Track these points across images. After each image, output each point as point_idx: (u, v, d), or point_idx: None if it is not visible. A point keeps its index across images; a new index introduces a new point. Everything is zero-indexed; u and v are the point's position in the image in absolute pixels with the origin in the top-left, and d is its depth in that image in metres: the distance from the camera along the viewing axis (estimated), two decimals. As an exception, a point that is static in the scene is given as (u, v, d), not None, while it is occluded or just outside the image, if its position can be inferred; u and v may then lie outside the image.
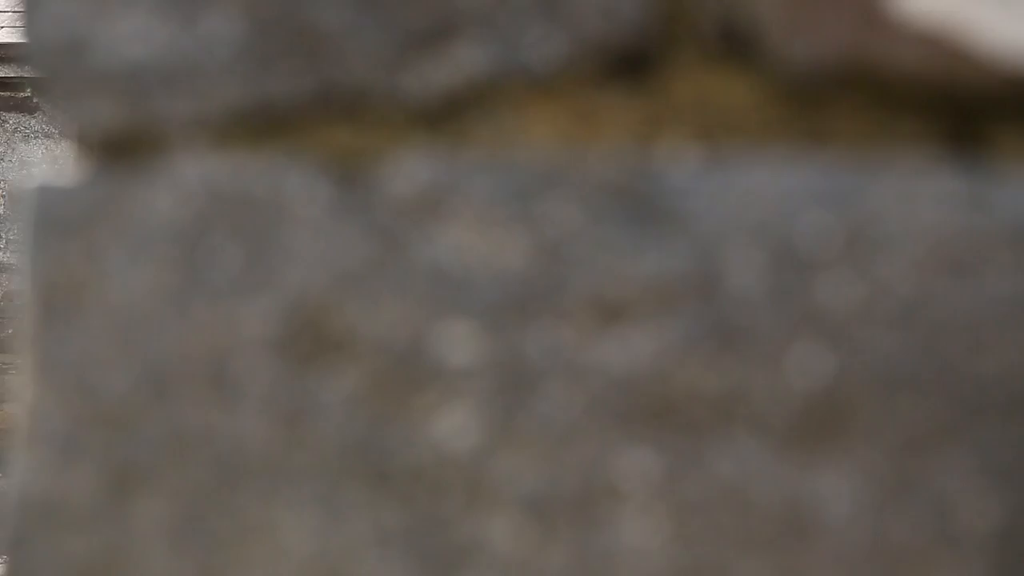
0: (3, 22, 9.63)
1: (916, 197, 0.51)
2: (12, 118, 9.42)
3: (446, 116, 0.55)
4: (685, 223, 0.53)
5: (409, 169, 0.55)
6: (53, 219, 0.57)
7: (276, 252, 0.55)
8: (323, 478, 0.54)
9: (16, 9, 9.71)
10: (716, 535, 0.52)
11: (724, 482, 0.52)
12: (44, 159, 9.32)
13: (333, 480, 0.54)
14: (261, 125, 0.56)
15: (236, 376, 0.55)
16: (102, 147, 0.57)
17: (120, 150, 0.57)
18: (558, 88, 0.55)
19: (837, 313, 0.51)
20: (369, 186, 0.55)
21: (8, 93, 9.44)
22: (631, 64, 0.54)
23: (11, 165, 9.37)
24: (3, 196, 9.30)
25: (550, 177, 0.54)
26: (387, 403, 0.54)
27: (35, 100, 9.41)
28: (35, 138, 9.40)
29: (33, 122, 9.41)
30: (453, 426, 0.54)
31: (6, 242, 9.33)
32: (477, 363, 0.54)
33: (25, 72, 9.43)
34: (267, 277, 0.55)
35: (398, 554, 0.54)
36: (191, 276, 0.56)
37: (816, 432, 0.51)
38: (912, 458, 0.51)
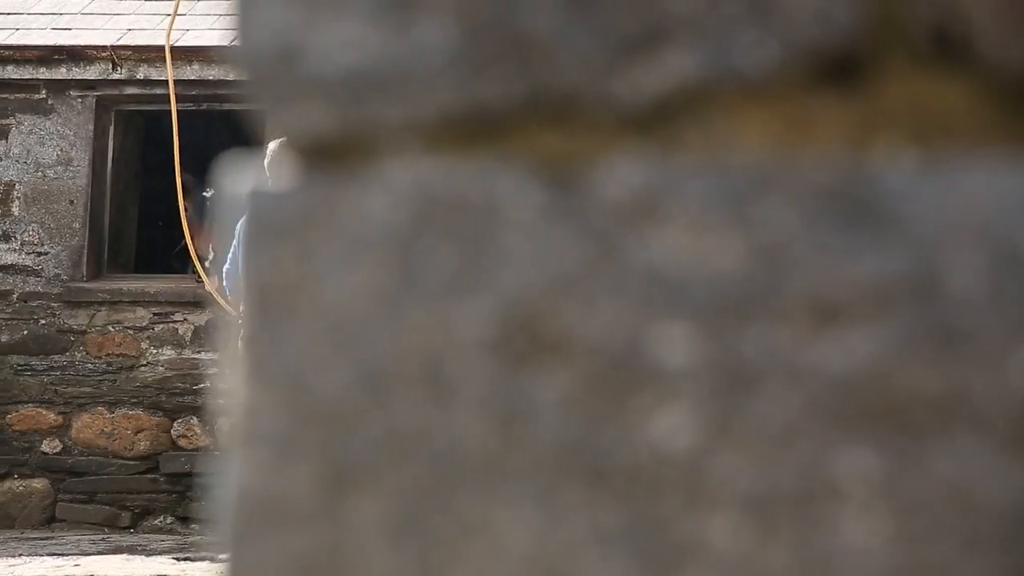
0: (17, 24, 9.64)
1: None
2: (27, 120, 9.44)
3: (657, 121, 0.56)
4: (902, 225, 0.54)
5: (622, 173, 0.56)
6: (267, 223, 0.58)
7: (490, 254, 0.56)
8: (540, 477, 0.55)
9: (30, 12, 9.72)
10: (939, 535, 0.52)
11: (946, 482, 0.53)
12: (59, 161, 9.33)
13: (550, 479, 0.55)
14: (472, 130, 0.57)
15: (451, 376, 0.56)
16: (313, 152, 0.58)
17: (331, 155, 0.58)
18: (769, 93, 0.56)
19: (1060, 315, 0.52)
20: (582, 190, 0.56)
21: (24, 95, 9.45)
22: (842, 69, 0.55)
23: (26, 167, 9.38)
24: (18, 198, 9.31)
25: (764, 180, 0.55)
26: (603, 403, 0.55)
27: (50, 102, 9.41)
28: (50, 140, 9.41)
29: (48, 124, 9.42)
30: (671, 426, 0.55)
31: (21, 243, 9.34)
32: (694, 364, 0.55)
33: (40, 74, 9.44)
34: (481, 279, 0.56)
35: (617, 552, 0.54)
36: (405, 278, 0.57)
37: (1040, 432, 0.52)
38: None
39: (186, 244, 7.85)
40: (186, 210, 9.39)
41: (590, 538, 0.55)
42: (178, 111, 9.26)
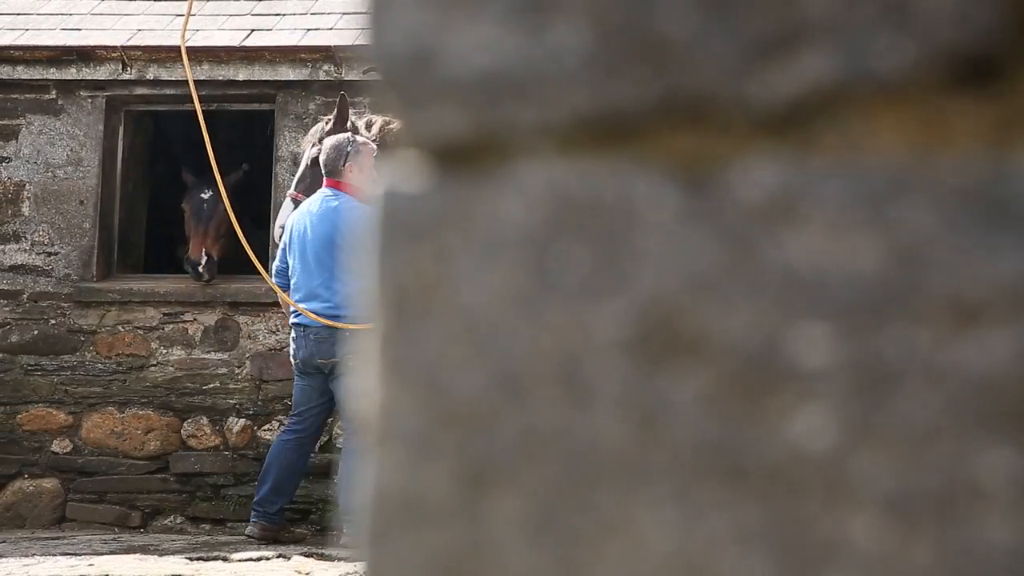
0: (27, 24, 9.65)
1: None
2: (37, 120, 9.44)
3: (792, 122, 0.57)
4: (1042, 227, 0.54)
5: (758, 174, 0.56)
6: (401, 224, 0.58)
7: (626, 255, 0.57)
8: (679, 476, 0.56)
9: (40, 12, 9.72)
10: (1082, 532, 0.53)
11: (1089, 480, 0.53)
12: (69, 161, 9.33)
13: (689, 478, 0.55)
14: (606, 132, 0.58)
15: (588, 376, 0.56)
16: (446, 154, 0.58)
17: (465, 157, 0.58)
18: (906, 94, 0.56)
19: None
20: (717, 191, 0.56)
21: (34, 95, 9.46)
22: (979, 70, 0.56)
23: (36, 167, 9.38)
24: (29, 198, 9.32)
25: (902, 181, 0.55)
26: (741, 403, 0.55)
27: (60, 103, 9.40)
28: (60, 140, 9.42)
29: (58, 124, 9.43)
30: (809, 426, 0.55)
31: (31, 243, 9.34)
32: (833, 364, 0.55)
33: (50, 75, 9.44)
34: (617, 280, 0.57)
35: (757, 551, 0.55)
36: (541, 279, 0.57)
37: None
38: None
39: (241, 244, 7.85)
40: (184, 211, 9.40)
41: (730, 537, 0.55)
42: (187, 112, 9.25)
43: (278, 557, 6.67)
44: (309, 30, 9.31)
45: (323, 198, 7.29)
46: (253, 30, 9.38)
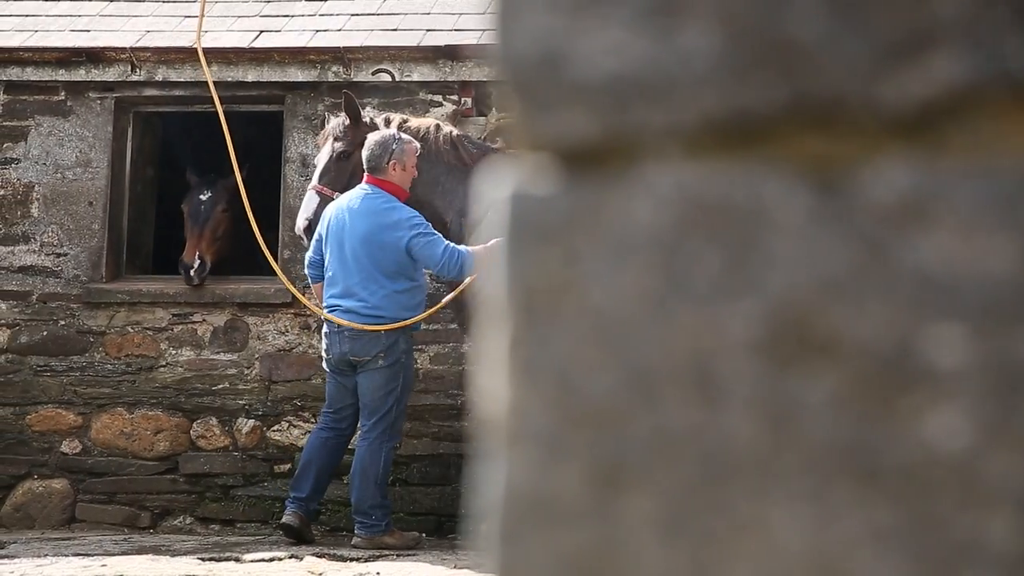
0: (36, 26, 9.66)
1: None
2: (47, 122, 9.45)
3: (923, 124, 0.57)
4: None
5: (888, 176, 0.56)
6: (530, 226, 0.58)
7: (756, 257, 0.57)
8: (812, 476, 0.56)
9: (49, 14, 9.72)
10: None
11: None
12: (78, 162, 9.33)
13: (822, 478, 0.56)
14: (735, 134, 0.58)
15: (719, 377, 0.57)
16: (574, 157, 0.59)
17: (593, 160, 0.58)
18: (1036, 97, 0.56)
19: None
20: (848, 193, 0.57)
21: (43, 97, 9.46)
22: (1109, 74, 0.56)
23: (45, 168, 9.39)
24: (38, 199, 9.32)
25: (1034, 184, 0.55)
26: (874, 404, 0.56)
27: (69, 104, 9.40)
28: (69, 141, 9.42)
29: (67, 125, 9.43)
30: (944, 426, 0.55)
31: (40, 244, 9.35)
32: (967, 365, 0.55)
33: (59, 76, 9.44)
34: (748, 281, 0.57)
35: (892, 551, 0.55)
36: (671, 280, 0.57)
37: None
38: None
39: (260, 243, 7.84)
40: (183, 213, 9.39)
41: (864, 536, 0.55)
42: (194, 112, 9.27)
43: (290, 558, 6.68)
44: (318, 31, 9.31)
45: (363, 195, 7.25)
46: (262, 31, 9.38)
